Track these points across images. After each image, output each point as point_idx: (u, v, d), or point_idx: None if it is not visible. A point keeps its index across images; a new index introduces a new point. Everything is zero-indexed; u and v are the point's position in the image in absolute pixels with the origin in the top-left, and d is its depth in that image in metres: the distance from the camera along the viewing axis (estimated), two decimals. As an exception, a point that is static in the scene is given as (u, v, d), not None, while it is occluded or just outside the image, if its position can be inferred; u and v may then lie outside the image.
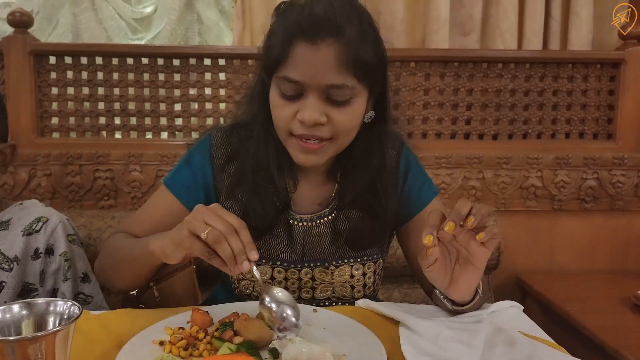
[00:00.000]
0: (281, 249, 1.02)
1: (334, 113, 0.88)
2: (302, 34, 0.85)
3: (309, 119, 0.87)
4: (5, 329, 0.63)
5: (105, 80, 1.81)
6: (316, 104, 0.87)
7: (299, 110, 0.88)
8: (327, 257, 1.02)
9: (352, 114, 0.90)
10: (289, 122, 0.90)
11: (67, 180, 1.77)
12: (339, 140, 0.92)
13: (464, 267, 0.83)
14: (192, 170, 1.04)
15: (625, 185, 1.92)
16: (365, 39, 0.88)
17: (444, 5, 1.96)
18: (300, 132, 0.89)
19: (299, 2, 0.89)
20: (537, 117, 1.94)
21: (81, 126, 1.83)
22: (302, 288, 1.04)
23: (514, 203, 1.92)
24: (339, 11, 0.86)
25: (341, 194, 1.02)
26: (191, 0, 2.42)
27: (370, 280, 1.05)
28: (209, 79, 1.84)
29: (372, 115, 0.97)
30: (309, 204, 1.04)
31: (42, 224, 1.14)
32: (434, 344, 0.79)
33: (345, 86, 0.86)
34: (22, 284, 1.12)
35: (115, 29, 2.41)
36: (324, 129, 0.89)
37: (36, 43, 1.79)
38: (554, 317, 1.66)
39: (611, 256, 1.98)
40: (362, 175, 0.99)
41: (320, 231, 1.02)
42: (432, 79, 1.90)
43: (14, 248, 1.11)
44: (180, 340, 0.77)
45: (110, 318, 0.90)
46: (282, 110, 0.90)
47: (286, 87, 0.88)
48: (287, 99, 0.89)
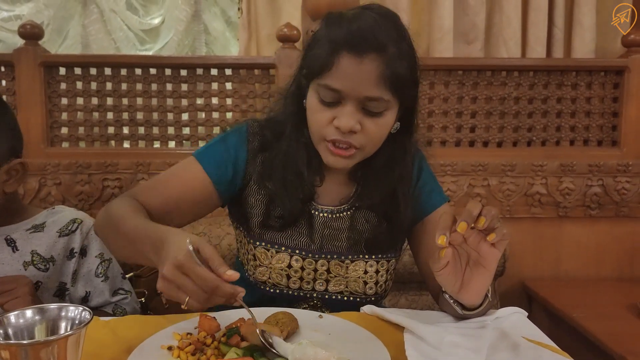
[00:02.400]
0: (301, 238, 1.05)
1: (368, 123, 0.93)
2: (349, 47, 0.90)
3: (346, 125, 0.92)
4: (19, 333, 0.65)
5: (114, 91, 1.84)
6: (353, 113, 0.92)
7: (336, 117, 0.93)
8: (343, 251, 1.06)
9: (383, 126, 0.96)
10: (324, 127, 0.95)
11: (76, 189, 1.79)
12: (367, 148, 0.98)
13: (474, 269, 0.84)
14: (227, 147, 1.06)
15: (630, 191, 1.92)
16: (403, 56, 0.93)
17: (447, 14, 1.98)
18: (334, 137, 0.94)
19: (347, 16, 0.94)
20: (541, 124, 1.95)
21: (90, 136, 1.86)
22: (316, 279, 1.06)
23: (519, 210, 1.93)
24: (383, 28, 0.92)
25: (360, 195, 1.07)
26: (198, 11, 2.46)
27: (383, 278, 1.08)
28: (215, 88, 1.87)
29: (397, 127, 1.01)
30: (330, 198, 1.08)
31: (78, 225, 1.18)
32: (438, 349, 0.80)
33: (381, 99, 0.92)
34: (57, 284, 1.17)
35: (123, 40, 2.45)
36: (356, 137, 0.94)
37: (46, 54, 1.82)
38: (560, 323, 1.66)
39: (617, 263, 1.97)
40: (383, 183, 1.04)
41: (339, 225, 1.06)
42: (437, 87, 1.92)
43: (51, 249, 1.15)
44: (188, 346, 0.78)
45: (120, 324, 0.91)
46: (319, 115, 0.95)
47: (326, 94, 0.93)
48: (325, 105, 0.94)
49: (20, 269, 1.12)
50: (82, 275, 1.19)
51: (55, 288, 1.16)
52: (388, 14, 0.97)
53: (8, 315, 0.65)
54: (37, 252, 1.13)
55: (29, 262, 1.13)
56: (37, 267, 1.13)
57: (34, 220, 1.17)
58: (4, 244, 1.12)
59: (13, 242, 1.13)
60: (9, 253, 1.12)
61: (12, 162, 1.09)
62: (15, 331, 0.65)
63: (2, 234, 1.13)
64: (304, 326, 0.87)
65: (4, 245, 1.12)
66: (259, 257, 1.05)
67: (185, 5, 2.46)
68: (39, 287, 1.13)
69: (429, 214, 1.09)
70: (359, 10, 0.95)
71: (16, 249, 1.13)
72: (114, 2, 2.45)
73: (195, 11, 2.47)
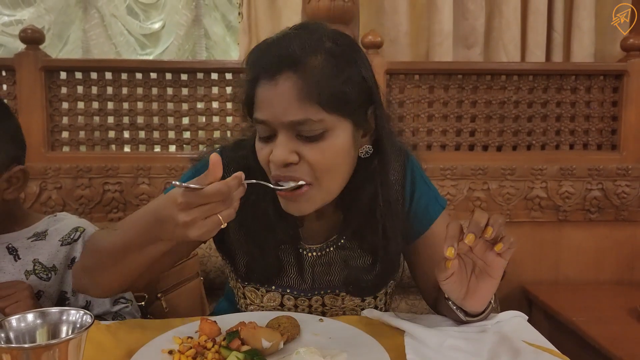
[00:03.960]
0: (291, 277, 0.99)
1: (306, 150, 0.82)
2: (264, 72, 0.83)
3: (277, 159, 0.82)
4: (20, 337, 0.65)
5: (115, 95, 1.85)
6: (285, 143, 0.82)
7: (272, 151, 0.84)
8: (337, 284, 1.00)
9: (328, 151, 0.83)
10: (267, 165, 0.87)
11: (77, 193, 1.80)
12: (322, 182, 0.85)
13: (480, 278, 0.82)
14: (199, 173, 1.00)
15: (630, 195, 1.93)
16: (334, 69, 0.82)
17: (447, 19, 1.99)
18: (275, 172, 0.85)
19: (267, 41, 0.87)
20: (541, 128, 1.95)
21: (91, 140, 1.86)
22: (312, 313, 1.01)
23: (519, 214, 1.93)
24: (302, 44, 0.82)
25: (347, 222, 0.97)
26: (198, 16, 2.47)
27: (382, 302, 1.05)
28: (216, 92, 1.87)
29: (368, 150, 0.91)
30: (318, 236, 1.00)
31: (80, 234, 1.16)
32: (438, 353, 0.80)
33: (309, 121, 0.81)
34: (58, 293, 1.15)
35: (124, 45, 2.47)
36: (299, 169, 0.83)
37: (47, 59, 1.83)
38: (560, 327, 1.66)
39: (617, 266, 1.97)
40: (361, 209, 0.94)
41: (330, 259, 0.99)
42: (436, 91, 1.92)
43: (53, 257, 1.13)
44: (189, 350, 0.78)
45: (121, 328, 0.91)
46: (261, 153, 0.87)
47: (259, 129, 0.86)
48: (263, 141, 0.86)
49: (22, 278, 1.10)
50: None
51: (56, 297, 1.15)
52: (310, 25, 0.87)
53: (9, 319, 0.65)
54: (39, 260, 1.12)
55: (30, 271, 1.11)
56: (39, 276, 1.12)
57: (35, 227, 1.15)
58: (5, 253, 1.11)
59: (15, 250, 1.12)
60: (11, 262, 1.11)
61: (12, 170, 1.07)
62: (17, 335, 0.65)
63: (4, 242, 1.12)
64: (304, 330, 0.87)
65: (6, 254, 1.11)
66: (248, 296, 1.02)
67: (185, 10, 2.47)
68: (41, 296, 1.12)
69: (427, 229, 1.02)
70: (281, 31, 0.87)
71: (18, 257, 1.11)
72: (115, 6, 2.46)
73: (196, 16, 2.48)
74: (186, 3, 2.49)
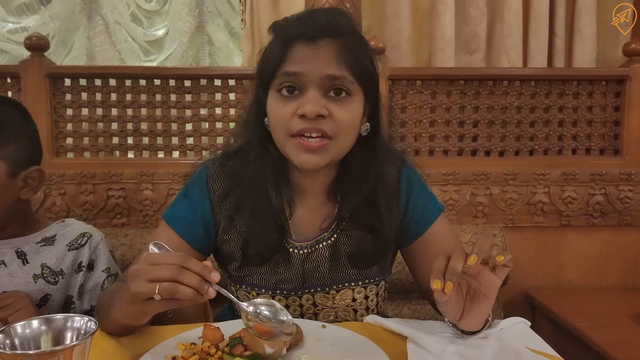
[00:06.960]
0: (280, 277, 1.01)
1: (334, 108, 0.89)
2: (301, 37, 0.89)
3: (310, 110, 0.87)
4: (25, 343, 0.66)
5: (119, 101, 1.86)
6: (316, 97, 0.88)
7: (299, 106, 0.88)
8: (327, 281, 1.01)
9: (351, 112, 0.91)
10: (289, 120, 0.89)
11: (81, 199, 1.81)
12: (339, 139, 0.91)
13: (475, 298, 0.83)
14: (191, 204, 1.02)
15: (633, 200, 1.92)
16: (364, 48, 0.93)
17: (449, 24, 2.00)
18: (301, 126, 0.88)
19: (294, 16, 0.94)
20: (543, 133, 1.96)
21: (95, 146, 1.87)
22: (304, 314, 1.03)
23: (521, 219, 1.93)
24: (338, 21, 0.91)
25: (342, 213, 1.00)
26: (202, 22, 2.48)
27: (373, 302, 1.05)
28: (219, 99, 1.88)
29: (368, 128, 0.98)
30: (309, 228, 1.02)
31: (87, 239, 1.19)
32: (441, 359, 0.80)
33: (344, 78, 0.88)
34: (65, 297, 1.18)
35: (128, 52, 2.48)
36: (326, 123, 0.89)
37: (52, 66, 1.84)
38: (563, 333, 1.66)
39: (620, 272, 1.97)
40: (360, 191, 0.98)
41: (318, 256, 1.01)
42: (439, 96, 1.93)
43: (60, 262, 1.16)
44: (192, 356, 0.79)
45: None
46: (282, 111, 0.90)
47: (285, 85, 0.90)
48: (286, 99, 0.90)
49: (30, 281, 1.13)
50: (88, 290, 1.19)
51: (62, 301, 1.17)
52: (340, 10, 0.96)
53: (15, 326, 0.66)
54: (47, 265, 1.14)
55: (38, 275, 1.13)
56: (47, 280, 1.14)
57: (44, 232, 1.18)
58: (14, 257, 1.13)
59: (24, 254, 1.14)
60: (19, 265, 1.13)
61: (30, 170, 1.11)
62: (22, 341, 0.65)
63: (13, 246, 1.14)
64: (307, 336, 0.87)
65: (15, 258, 1.13)
66: (241, 299, 1.01)
67: (189, 17, 2.49)
68: (48, 300, 1.14)
69: (424, 231, 1.04)
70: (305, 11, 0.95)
71: (26, 261, 1.14)
72: (119, 14, 2.48)
73: (199, 22, 2.49)
74: (189, 10, 2.50)
